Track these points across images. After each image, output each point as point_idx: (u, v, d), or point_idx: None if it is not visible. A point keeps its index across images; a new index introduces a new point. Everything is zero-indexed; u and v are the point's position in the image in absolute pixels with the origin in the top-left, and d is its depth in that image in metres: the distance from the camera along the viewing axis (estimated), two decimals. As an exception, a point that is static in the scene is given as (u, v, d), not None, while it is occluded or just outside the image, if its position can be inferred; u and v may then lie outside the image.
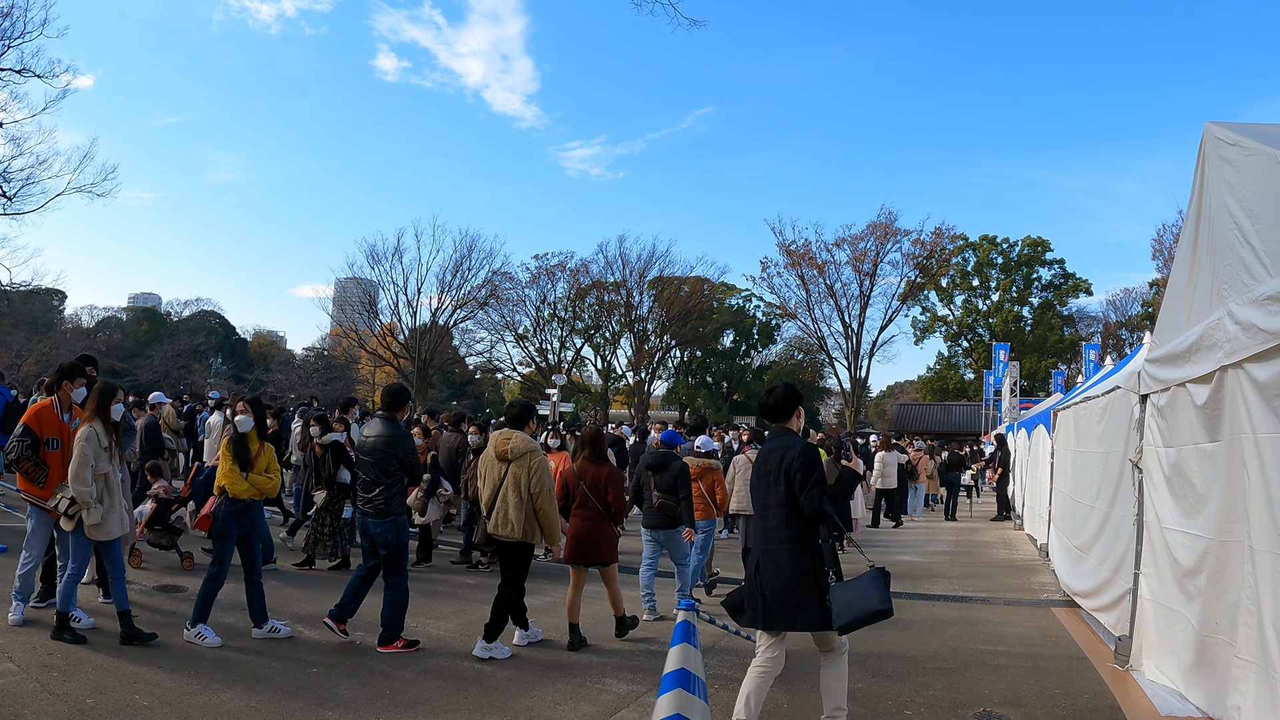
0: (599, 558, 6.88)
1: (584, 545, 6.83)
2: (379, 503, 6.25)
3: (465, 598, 8.35)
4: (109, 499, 6.01)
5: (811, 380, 63.88)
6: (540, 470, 6.29)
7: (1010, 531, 16.37)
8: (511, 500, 6.23)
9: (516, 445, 6.31)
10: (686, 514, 7.91)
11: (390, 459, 6.30)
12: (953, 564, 12.06)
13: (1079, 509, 9.05)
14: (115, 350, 58.36)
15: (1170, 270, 5.92)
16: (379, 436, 6.37)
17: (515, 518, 6.21)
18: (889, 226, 51.99)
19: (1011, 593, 9.90)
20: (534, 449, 6.35)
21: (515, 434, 6.39)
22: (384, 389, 6.86)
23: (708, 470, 9.32)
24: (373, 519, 6.28)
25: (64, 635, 5.90)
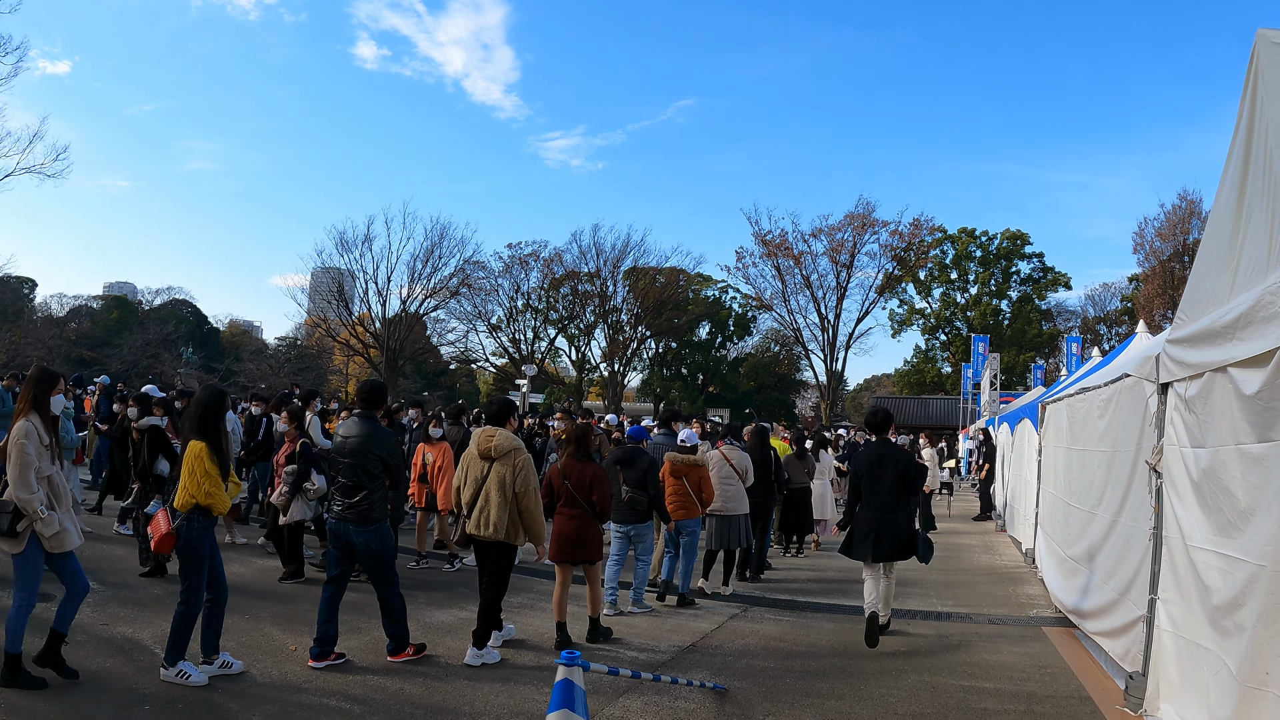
0: (585, 556, 6.83)
1: (569, 544, 6.77)
2: (362, 508, 5.87)
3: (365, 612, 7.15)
4: (59, 505, 5.14)
5: (788, 373, 63.40)
6: (526, 469, 6.11)
7: (992, 534, 15.36)
8: (495, 500, 6.05)
9: (501, 443, 6.14)
10: (661, 508, 8.02)
11: (372, 460, 5.91)
12: (930, 571, 10.94)
13: (1074, 515, 7.98)
14: (84, 339, 57.38)
15: (1205, 225, 4.81)
16: (358, 436, 5.97)
17: (498, 518, 6.03)
18: (866, 217, 51.44)
19: (997, 607, 8.83)
20: (518, 447, 6.18)
21: (499, 431, 6.21)
22: (360, 385, 6.48)
23: (693, 466, 8.50)
24: (354, 525, 5.87)
25: (17, 679, 4.92)
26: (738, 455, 9.22)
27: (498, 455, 6.12)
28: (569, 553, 6.77)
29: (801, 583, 10.04)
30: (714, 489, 8.80)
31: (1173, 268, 44.06)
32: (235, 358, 62.55)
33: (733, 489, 9.08)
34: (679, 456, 8.63)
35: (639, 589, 8.28)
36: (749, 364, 63.10)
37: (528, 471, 6.11)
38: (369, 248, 50.50)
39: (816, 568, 11.14)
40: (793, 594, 9.30)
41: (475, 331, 56.17)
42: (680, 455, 8.65)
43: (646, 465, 8.05)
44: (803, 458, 11.97)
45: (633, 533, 8.08)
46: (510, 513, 6.07)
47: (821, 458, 12.58)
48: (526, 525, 6.17)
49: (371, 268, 50.03)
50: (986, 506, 17.84)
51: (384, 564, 5.99)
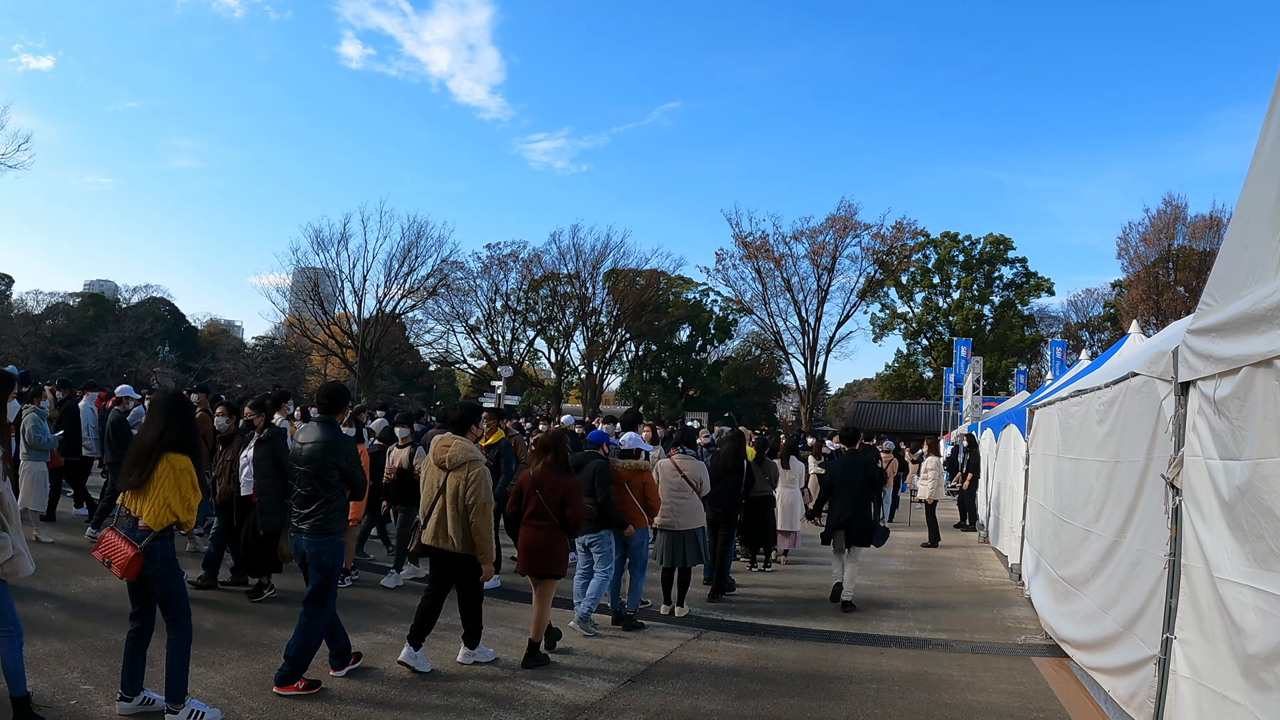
0: (550, 569, 6.44)
1: (535, 556, 6.43)
2: (317, 519, 5.54)
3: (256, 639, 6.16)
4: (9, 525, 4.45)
5: (769, 377, 62.87)
6: (478, 482, 5.81)
7: (974, 546, 14.52)
8: (450, 512, 5.82)
9: (455, 453, 5.88)
10: (611, 514, 7.38)
11: (329, 468, 5.58)
12: (907, 588, 10.11)
13: (1067, 531, 7.12)
14: (60, 337, 56.88)
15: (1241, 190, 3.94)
16: (316, 443, 5.63)
17: (456, 531, 5.81)
18: (849, 220, 50.86)
19: (980, 632, 7.96)
20: (474, 458, 5.89)
21: (455, 440, 5.95)
22: (320, 388, 6.12)
23: (635, 471, 7.66)
24: (308, 537, 5.56)
25: None
26: (691, 465, 8.32)
27: (452, 466, 5.86)
28: (534, 565, 6.39)
29: (765, 602, 9.13)
30: (662, 499, 7.92)
31: (1157, 273, 43.62)
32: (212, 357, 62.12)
33: (685, 501, 8.18)
34: (620, 462, 7.73)
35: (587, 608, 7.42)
36: (729, 367, 62.60)
37: (480, 485, 5.80)
38: (345, 246, 49.45)
39: (783, 584, 10.23)
40: (754, 615, 8.39)
41: (453, 332, 55.58)
42: (622, 460, 7.75)
43: (595, 470, 7.35)
44: (763, 464, 11.05)
45: (588, 542, 7.45)
46: (465, 525, 5.81)
47: (793, 464, 11.66)
48: (473, 541, 5.82)
49: (348, 266, 49.39)
50: (969, 515, 17.01)
51: (326, 582, 5.55)
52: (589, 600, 7.44)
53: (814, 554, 12.78)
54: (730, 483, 9.14)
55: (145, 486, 4.63)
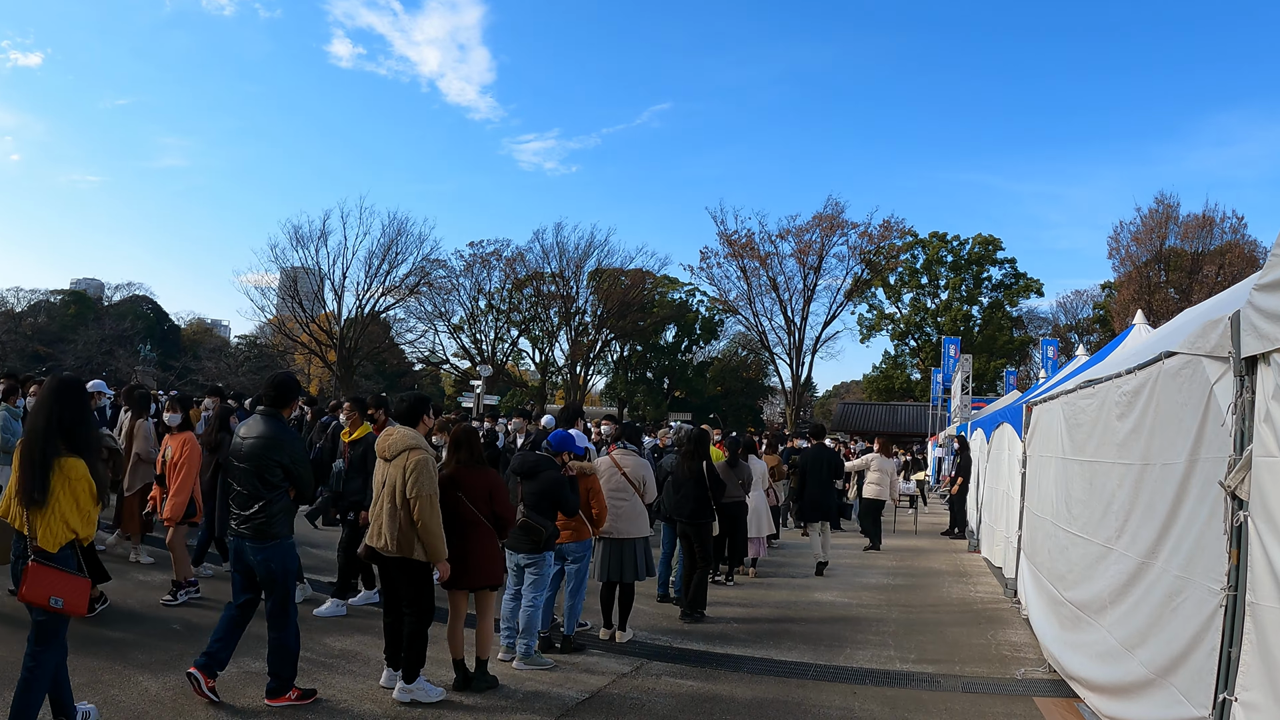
0: (479, 579, 5.65)
1: (459, 565, 5.53)
2: (259, 521, 5.11)
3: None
4: None
5: (755, 378, 62.00)
6: (419, 471, 5.24)
7: (964, 555, 13.40)
8: (387, 507, 5.31)
9: (395, 441, 5.42)
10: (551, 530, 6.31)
11: (272, 466, 5.15)
12: (889, 606, 8.96)
13: (1077, 547, 5.99)
14: (41, 334, 56.49)
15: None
16: (258, 438, 5.21)
17: (390, 529, 5.27)
18: (836, 218, 49.97)
19: (972, 663, 6.81)
20: (415, 445, 5.36)
21: (397, 429, 5.51)
22: (266, 379, 5.72)
23: (579, 475, 6.60)
24: (251, 543, 5.12)
25: None
26: (633, 462, 7.16)
27: (391, 455, 5.36)
28: (457, 576, 5.56)
29: (725, 623, 7.96)
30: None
31: (1148, 274, 42.75)
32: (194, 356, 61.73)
33: (625, 504, 7.03)
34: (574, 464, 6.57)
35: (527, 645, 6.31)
36: (715, 369, 61.73)
37: (420, 474, 5.23)
38: (325, 243, 48.32)
39: (747, 601, 9.05)
40: (709, 641, 7.21)
41: (436, 332, 54.61)
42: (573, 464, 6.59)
43: (549, 481, 6.21)
44: (735, 466, 9.90)
45: (525, 563, 6.33)
46: (401, 522, 5.24)
47: (753, 465, 10.49)
48: (420, 538, 5.24)
49: (328, 264, 48.52)
50: (958, 521, 15.90)
51: (282, 589, 5.17)
52: (527, 635, 6.26)
53: (787, 564, 11.64)
54: (692, 489, 7.98)
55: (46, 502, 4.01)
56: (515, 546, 6.33)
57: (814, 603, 8.99)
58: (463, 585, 5.66)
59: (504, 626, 6.44)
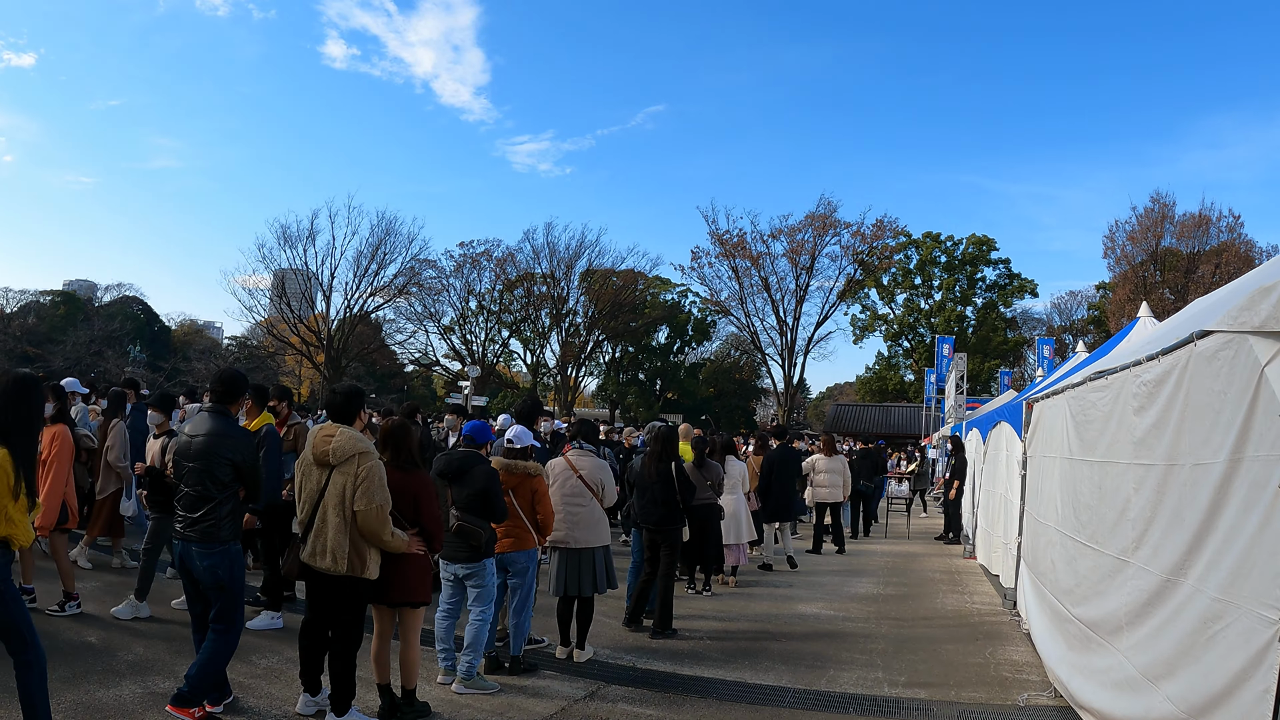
0: (404, 595, 5.04)
1: (394, 579, 4.96)
2: (206, 524, 4.82)
3: None
4: None
5: (748, 379, 61.43)
6: (370, 478, 4.71)
7: (959, 561, 12.73)
8: (333, 521, 4.72)
9: (341, 446, 4.78)
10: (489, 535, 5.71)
11: (222, 464, 4.88)
12: (878, 620, 8.28)
13: (1086, 558, 5.32)
14: (30, 335, 56.16)
15: None
16: (206, 435, 4.93)
17: (336, 544, 4.70)
18: (828, 217, 49.28)
19: (970, 686, 6.13)
20: (363, 450, 4.79)
21: (340, 430, 4.87)
22: (216, 373, 5.46)
23: (523, 476, 5.92)
24: (198, 547, 4.81)
25: None
26: (590, 464, 6.46)
27: (337, 461, 4.72)
28: (382, 591, 4.95)
29: (698, 639, 7.27)
30: (555, 510, 6.10)
31: (1144, 273, 42.23)
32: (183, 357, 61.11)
33: (581, 510, 6.35)
34: (504, 463, 5.88)
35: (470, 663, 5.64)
36: (708, 370, 61.19)
37: (371, 483, 4.69)
38: (313, 243, 48.29)
39: (723, 614, 8.35)
40: (677, 661, 6.53)
41: (426, 332, 54.23)
42: (507, 461, 5.90)
43: (484, 479, 5.58)
44: (703, 466, 9.20)
45: (464, 573, 5.69)
46: (352, 537, 4.70)
47: (731, 466, 9.78)
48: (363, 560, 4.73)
49: (316, 264, 48.02)
50: (953, 526, 15.23)
51: (230, 596, 4.89)
52: (471, 652, 5.61)
53: (771, 573, 10.95)
54: (660, 493, 7.29)
55: None
56: (452, 556, 5.68)
57: (796, 615, 8.30)
58: (386, 600, 5.04)
59: (440, 646, 5.80)
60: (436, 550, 5.21)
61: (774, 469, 11.32)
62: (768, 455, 11.60)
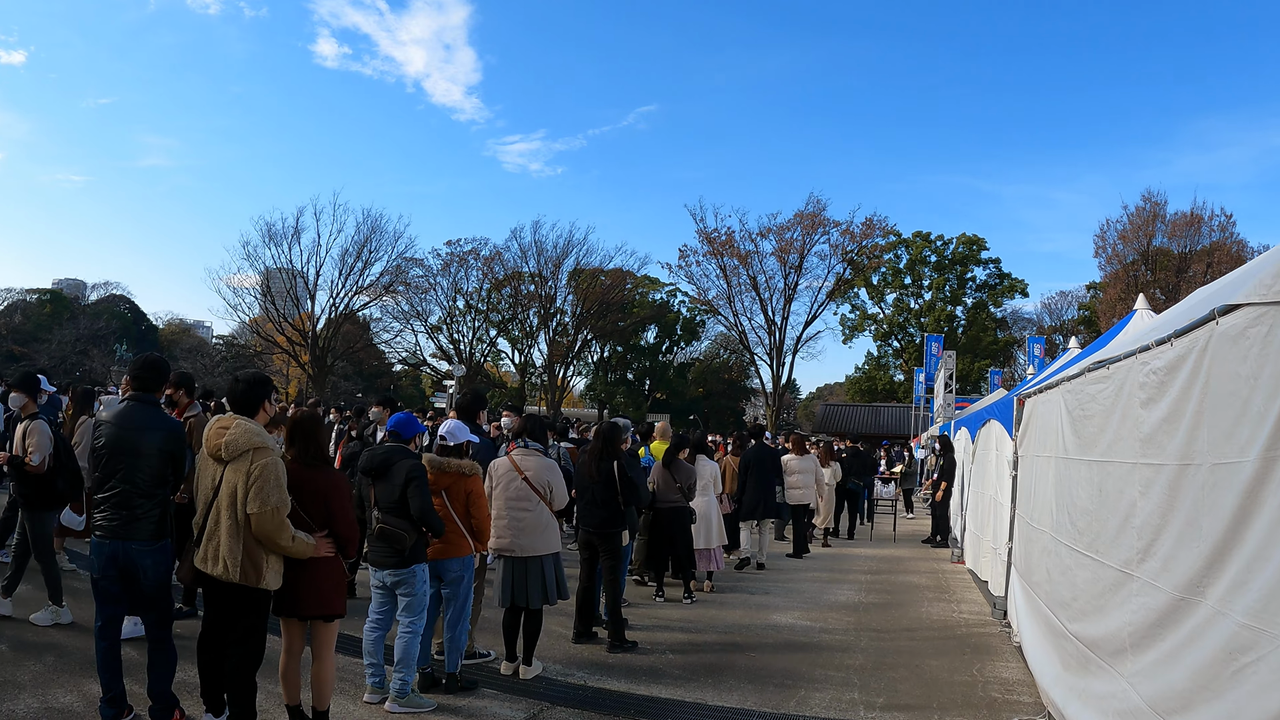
0: (309, 607, 4.47)
1: (303, 589, 4.41)
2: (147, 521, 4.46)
3: None
4: None
5: (737, 379, 60.99)
6: (264, 477, 4.14)
7: (946, 565, 12.19)
8: (225, 523, 4.16)
9: (235, 439, 4.23)
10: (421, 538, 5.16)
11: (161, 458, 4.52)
12: (858, 631, 7.72)
13: (1084, 568, 4.77)
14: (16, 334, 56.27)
15: None
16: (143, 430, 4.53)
17: (229, 550, 4.14)
18: (817, 216, 48.86)
19: (955, 710, 5.57)
20: (259, 445, 4.23)
21: (236, 422, 4.31)
22: (137, 359, 4.97)
23: (456, 475, 5.33)
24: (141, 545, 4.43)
25: None
26: (536, 464, 5.87)
27: (230, 456, 4.21)
28: (289, 603, 4.43)
29: (659, 653, 6.68)
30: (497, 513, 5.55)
31: (1135, 273, 41.87)
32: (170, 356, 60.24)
33: (527, 515, 5.76)
34: (436, 461, 5.30)
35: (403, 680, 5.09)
36: (697, 370, 60.75)
37: (265, 482, 4.16)
38: (298, 241, 47.44)
39: (693, 624, 7.77)
40: (633, 678, 5.94)
41: (413, 331, 53.52)
42: (439, 459, 5.31)
43: (407, 475, 5.01)
44: (671, 466, 8.64)
45: (392, 581, 5.13)
46: (247, 542, 4.18)
47: (703, 467, 9.21)
48: (258, 568, 4.19)
49: (301, 262, 47.61)
50: (940, 529, 14.70)
51: (165, 596, 4.64)
52: (403, 668, 5.04)
53: (746, 578, 10.38)
54: (600, 494, 6.70)
55: None
56: (379, 561, 5.14)
57: (770, 626, 7.72)
58: (294, 613, 4.47)
59: (368, 661, 5.23)
60: (349, 556, 4.64)
61: (748, 468, 11.00)
62: (743, 455, 11.25)
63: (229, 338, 63.31)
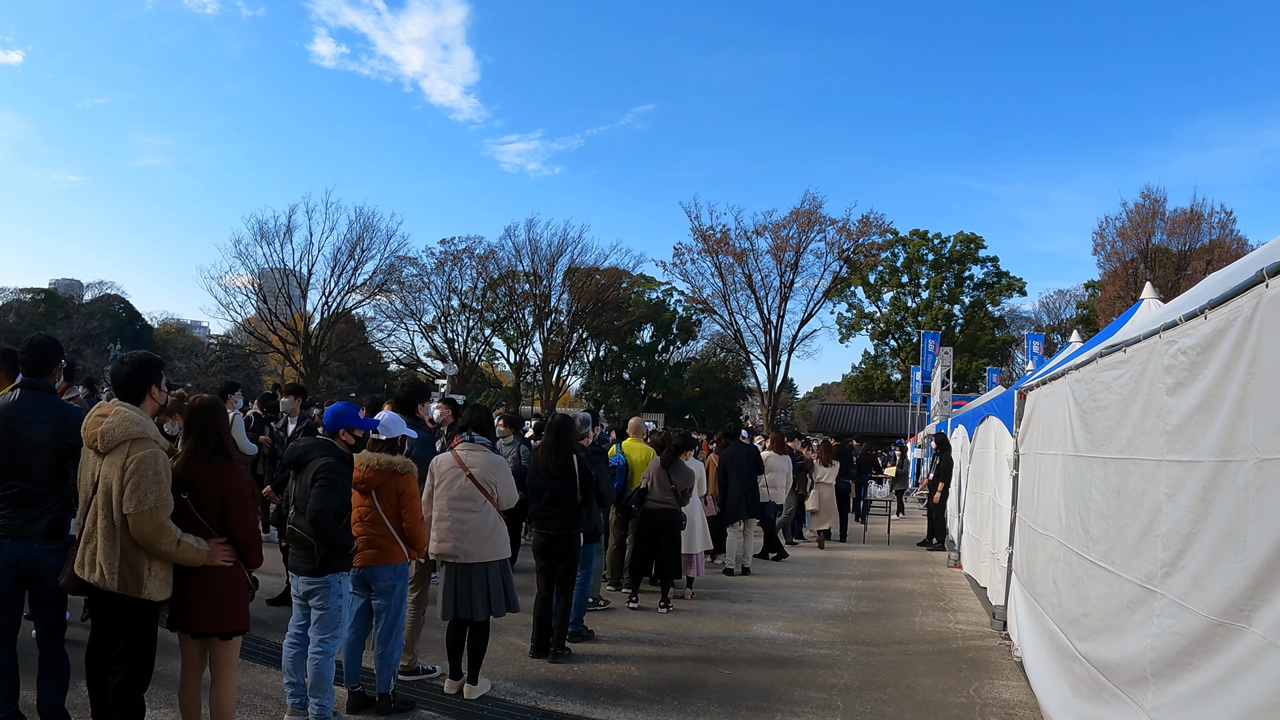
0: (203, 621, 3.86)
1: (198, 601, 3.81)
2: (53, 519, 4.12)
3: None
4: None
5: (734, 379, 60.48)
6: (142, 472, 3.55)
7: (942, 570, 11.61)
8: (101, 525, 3.63)
9: (111, 428, 3.63)
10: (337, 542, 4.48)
11: (66, 452, 4.13)
12: (845, 645, 7.12)
13: (1099, 583, 4.18)
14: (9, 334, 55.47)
15: None
16: (50, 421, 4.15)
17: (106, 554, 3.61)
18: (813, 213, 48.25)
19: (947, 736, 4.96)
20: (137, 436, 3.63)
21: (116, 409, 3.71)
22: (26, 343, 4.43)
23: (387, 474, 4.74)
24: (45, 544, 4.07)
25: None
26: (483, 461, 5.27)
27: (105, 448, 3.64)
28: (183, 618, 3.86)
29: (625, 666, 6.09)
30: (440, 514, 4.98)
31: (1134, 270, 41.33)
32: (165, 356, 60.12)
33: (473, 518, 5.17)
34: (365, 457, 4.70)
35: (320, 710, 4.51)
36: (693, 369, 60.27)
37: (142, 478, 3.56)
38: (290, 239, 46.93)
39: (666, 634, 7.17)
40: (591, 698, 5.35)
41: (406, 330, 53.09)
42: (368, 455, 4.72)
43: (314, 472, 4.43)
44: (670, 468, 8.07)
45: (305, 590, 4.57)
46: (124, 546, 3.61)
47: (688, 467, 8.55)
48: (138, 575, 3.65)
49: (293, 261, 47.20)
50: (936, 531, 14.11)
51: (62, 601, 4.22)
52: (319, 692, 4.47)
53: (730, 584, 9.79)
54: (558, 492, 6.08)
55: None
56: (295, 567, 4.58)
57: (749, 639, 7.12)
58: (188, 628, 3.93)
59: (287, 680, 4.67)
60: (252, 564, 4.04)
61: (726, 469, 10.54)
62: (723, 454, 10.76)
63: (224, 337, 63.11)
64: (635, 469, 8.45)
